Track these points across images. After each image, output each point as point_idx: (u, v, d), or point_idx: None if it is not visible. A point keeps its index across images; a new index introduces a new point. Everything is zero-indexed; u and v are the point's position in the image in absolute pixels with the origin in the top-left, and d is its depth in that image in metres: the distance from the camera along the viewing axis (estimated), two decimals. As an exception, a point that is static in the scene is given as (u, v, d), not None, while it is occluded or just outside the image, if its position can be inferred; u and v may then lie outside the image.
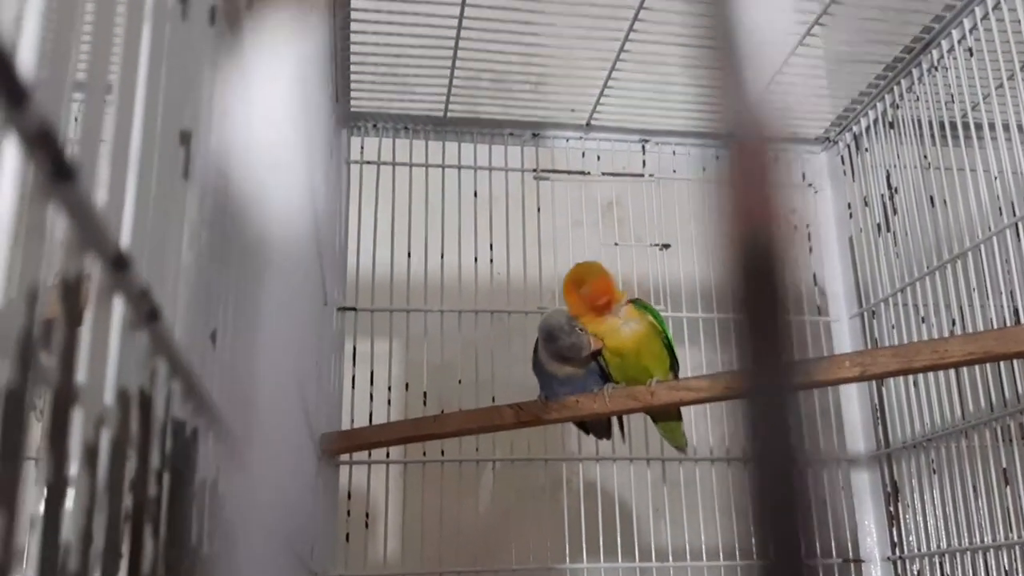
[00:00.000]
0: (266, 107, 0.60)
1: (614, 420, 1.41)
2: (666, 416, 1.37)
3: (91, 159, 0.19)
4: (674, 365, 1.29)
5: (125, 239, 0.22)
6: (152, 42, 0.27)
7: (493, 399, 1.47)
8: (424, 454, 1.48)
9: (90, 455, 0.23)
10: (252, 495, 0.55)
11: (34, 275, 0.16)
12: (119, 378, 0.24)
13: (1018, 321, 1.28)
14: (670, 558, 1.51)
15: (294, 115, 0.78)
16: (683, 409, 1.36)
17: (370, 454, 1.45)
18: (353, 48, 1.41)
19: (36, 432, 0.21)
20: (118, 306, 0.22)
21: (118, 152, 0.23)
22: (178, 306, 0.29)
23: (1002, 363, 1.29)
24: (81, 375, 0.22)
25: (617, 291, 1.30)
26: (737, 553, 1.52)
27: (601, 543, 1.47)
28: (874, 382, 1.57)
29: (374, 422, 1.45)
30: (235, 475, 0.49)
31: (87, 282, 0.20)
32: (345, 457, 1.43)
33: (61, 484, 0.22)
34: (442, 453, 1.48)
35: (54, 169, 0.16)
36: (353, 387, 1.48)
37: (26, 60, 0.15)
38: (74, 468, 0.22)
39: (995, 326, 1.32)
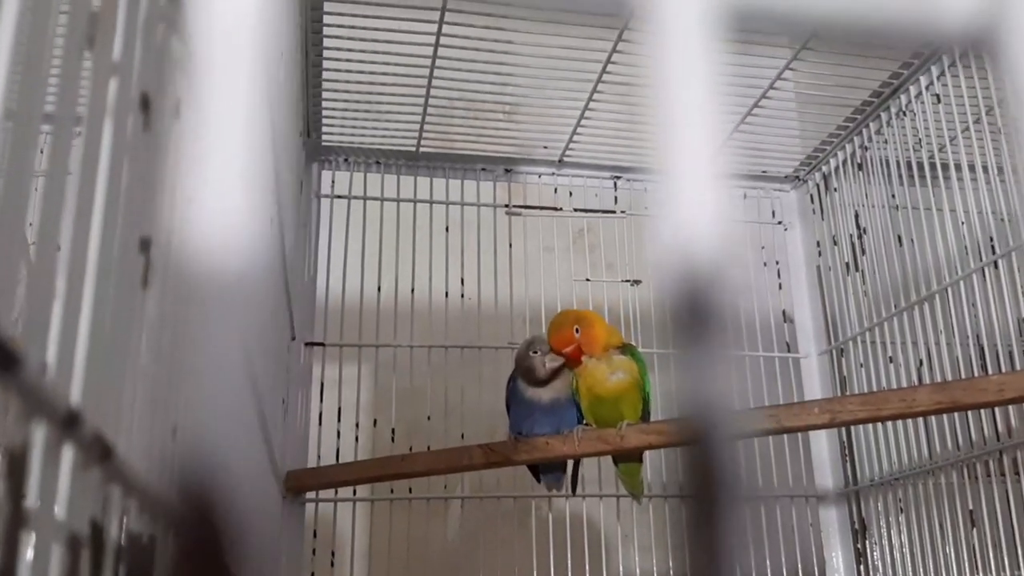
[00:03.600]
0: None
1: (570, 470, 1.40)
2: (627, 458, 1.36)
3: (41, 327, 0.18)
4: (646, 412, 1.29)
5: (76, 395, 0.21)
6: (112, 159, 0.26)
7: (462, 435, 1.46)
8: (391, 491, 1.46)
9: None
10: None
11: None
12: (69, 518, 0.23)
13: (984, 364, 1.29)
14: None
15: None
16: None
17: (336, 492, 1.43)
18: (325, 83, 1.40)
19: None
20: (67, 455, 0.21)
21: (72, 289, 0.22)
22: (133, 429, 0.28)
23: (969, 408, 1.30)
24: (32, 519, 0.21)
25: (615, 334, 1.31)
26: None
27: (570, 571, 1.46)
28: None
29: (341, 458, 1.44)
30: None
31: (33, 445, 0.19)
32: (311, 495, 1.41)
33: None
34: (409, 490, 1.47)
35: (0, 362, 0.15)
36: (320, 423, 1.46)
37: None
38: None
39: (962, 368, 1.33)
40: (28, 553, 0.21)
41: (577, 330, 1.26)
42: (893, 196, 1.49)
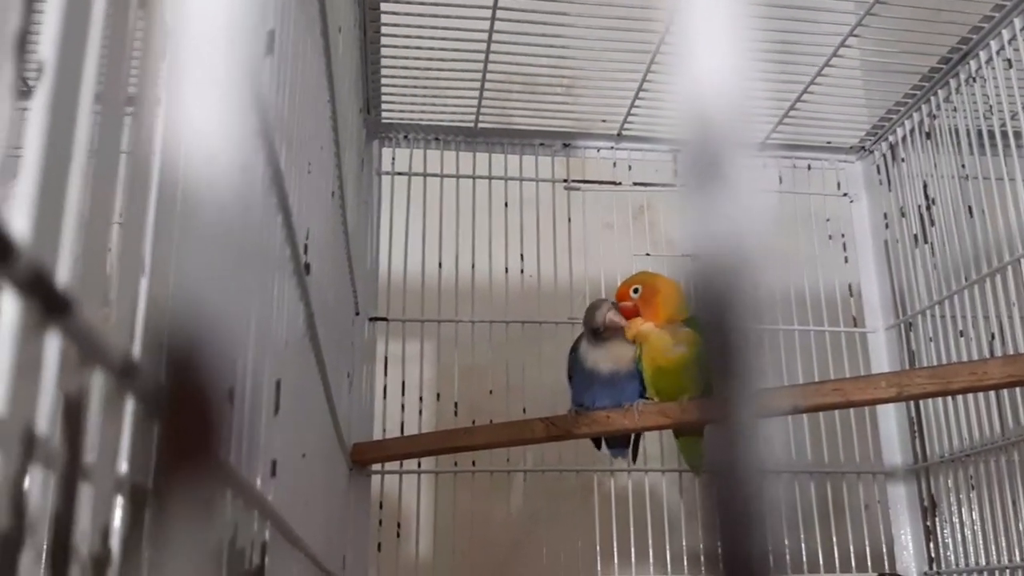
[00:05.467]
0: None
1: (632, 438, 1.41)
2: (688, 432, 1.36)
3: (96, 278, 0.19)
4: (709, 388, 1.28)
5: (136, 347, 0.22)
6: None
7: (524, 409, 1.47)
8: (455, 464, 1.48)
9: (103, 547, 0.23)
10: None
11: (29, 408, 0.16)
12: (132, 472, 0.24)
13: (1059, 337, 1.26)
14: (703, 565, 1.50)
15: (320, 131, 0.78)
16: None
17: (401, 464, 1.46)
18: (384, 60, 1.41)
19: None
20: (129, 406, 0.22)
21: (129, 247, 0.23)
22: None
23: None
24: (91, 470, 0.22)
25: (683, 306, 1.31)
26: (771, 560, 1.51)
27: (633, 550, 1.46)
28: (910, 395, 1.55)
29: (406, 431, 1.46)
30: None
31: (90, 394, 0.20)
32: (377, 467, 1.44)
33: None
34: (473, 463, 1.48)
35: (48, 307, 0.16)
36: (385, 396, 1.48)
37: (18, 217, 0.15)
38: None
39: (1036, 342, 1.29)
40: (88, 504, 0.22)
41: (636, 290, 1.28)
42: (963, 166, 1.45)
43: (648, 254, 1.62)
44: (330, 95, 0.87)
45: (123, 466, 0.23)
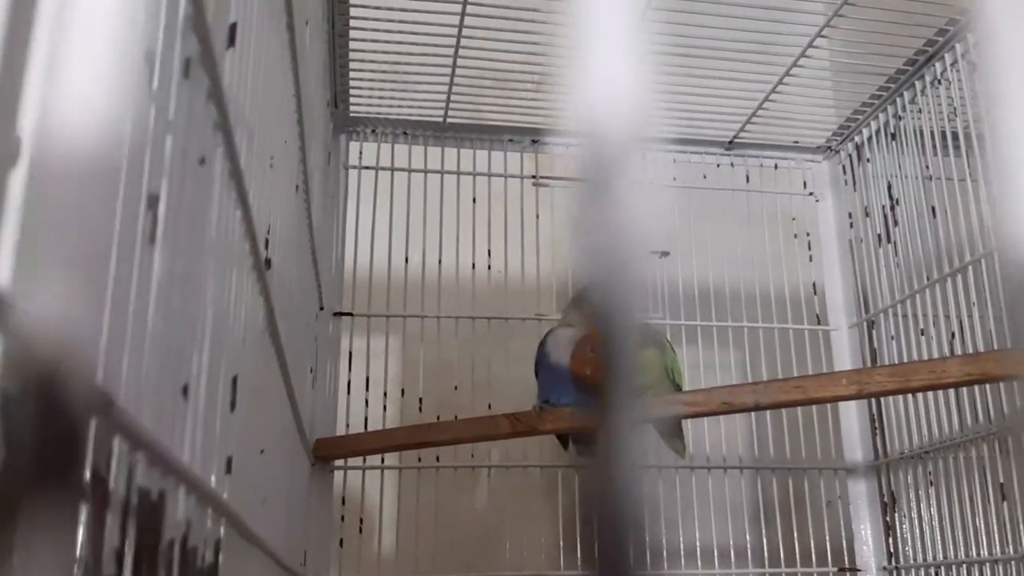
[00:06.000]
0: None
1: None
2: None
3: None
4: (678, 389, 1.29)
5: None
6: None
7: (489, 405, 1.47)
8: (419, 460, 1.48)
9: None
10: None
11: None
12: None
13: (1017, 337, 1.27)
14: (664, 564, 1.51)
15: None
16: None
17: (365, 460, 1.45)
18: (352, 54, 1.40)
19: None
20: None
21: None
22: (140, 376, 0.29)
23: (1000, 381, 1.29)
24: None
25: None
26: (733, 555, 1.52)
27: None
28: (872, 393, 1.57)
29: (369, 427, 1.45)
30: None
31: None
32: (339, 463, 1.43)
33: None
34: (437, 459, 1.48)
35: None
36: (349, 392, 1.47)
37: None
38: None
39: (995, 341, 1.31)
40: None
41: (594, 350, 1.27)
42: (927, 167, 1.47)
43: (615, 251, 1.62)
44: (296, 89, 0.86)
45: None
